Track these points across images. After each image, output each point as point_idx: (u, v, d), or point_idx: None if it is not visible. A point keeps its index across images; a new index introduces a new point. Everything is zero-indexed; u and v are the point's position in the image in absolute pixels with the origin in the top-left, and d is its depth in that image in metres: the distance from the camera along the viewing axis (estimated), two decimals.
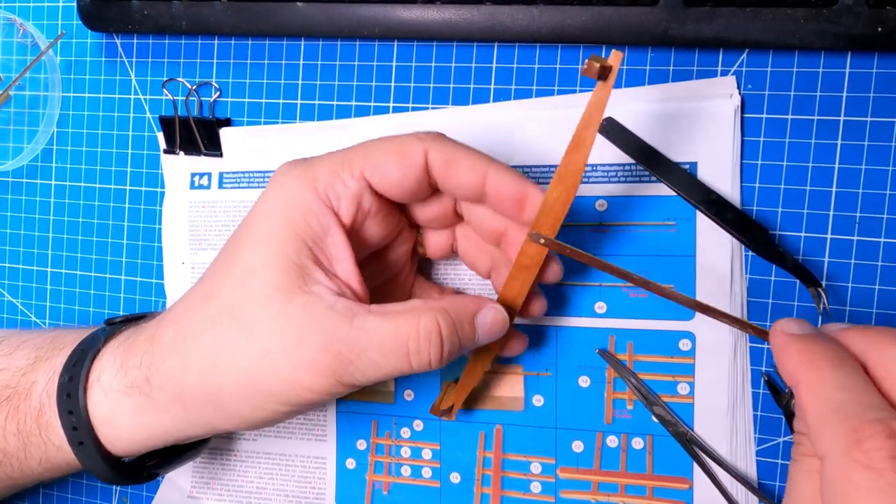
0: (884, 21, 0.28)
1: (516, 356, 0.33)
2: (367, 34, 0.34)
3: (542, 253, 0.27)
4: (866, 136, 0.30)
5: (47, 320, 0.41)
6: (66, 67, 0.40)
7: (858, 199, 0.30)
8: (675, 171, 0.31)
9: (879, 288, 0.30)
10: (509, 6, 0.32)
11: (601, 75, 0.25)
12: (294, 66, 0.36)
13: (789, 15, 0.29)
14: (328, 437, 0.37)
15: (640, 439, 0.33)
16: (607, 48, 0.32)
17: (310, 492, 0.37)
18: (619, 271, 0.27)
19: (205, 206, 0.38)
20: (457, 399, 0.33)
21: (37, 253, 0.41)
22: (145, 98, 0.39)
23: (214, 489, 0.39)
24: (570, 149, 0.26)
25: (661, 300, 0.32)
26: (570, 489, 0.34)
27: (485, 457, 0.35)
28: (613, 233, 0.33)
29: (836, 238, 0.31)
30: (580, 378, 0.33)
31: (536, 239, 0.27)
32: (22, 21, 0.40)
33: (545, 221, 0.27)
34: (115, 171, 0.39)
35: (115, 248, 0.40)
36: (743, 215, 0.31)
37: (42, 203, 0.41)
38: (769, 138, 0.31)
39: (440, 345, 0.26)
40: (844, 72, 0.30)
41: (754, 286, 0.32)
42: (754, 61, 0.31)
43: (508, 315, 0.29)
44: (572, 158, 0.26)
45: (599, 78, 0.25)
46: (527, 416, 0.34)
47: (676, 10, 0.30)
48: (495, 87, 0.34)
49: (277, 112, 0.37)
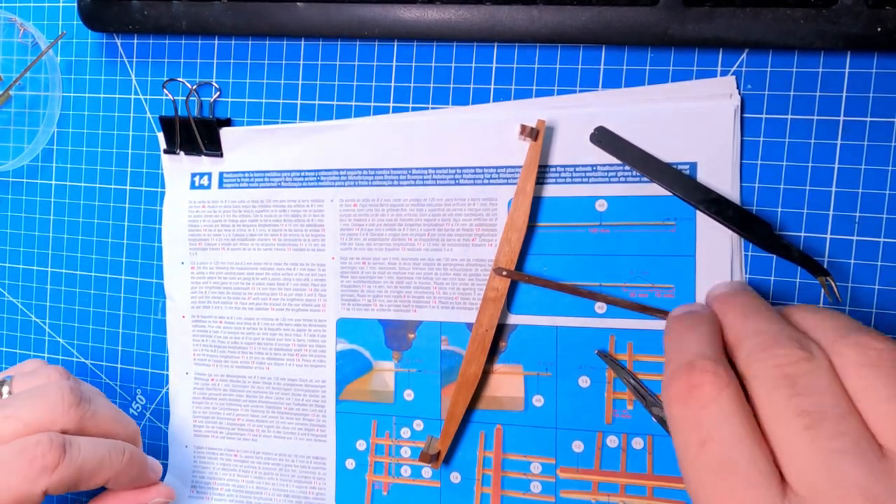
0: (883, 21, 0.28)
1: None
2: (367, 34, 0.34)
3: (506, 284, 0.33)
4: (866, 136, 0.30)
5: (47, 320, 0.41)
6: (67, 67, 0.40)
7: (858, 199, 0.30)
8: (672, 174, 0.31)
9: (879, 288, 0.30)
10: (509, 6, 0.32)
11: (532, 136, 0.32)
12: (294, 66, 0.36)
13: (789, 15, 0.29)
14: (328, 437, 0.37)
15: (641, 439, 0.33)
16: (607, 48, 0.32)
17: (310, 492, 0.37)
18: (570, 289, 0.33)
19: (205, 206, 0.38)
20: (442, 446, 0.34)
21: (37, 253, 0.41)
22: (145, 98, 0.39)
23: (214, 489, 0.39)
24: (516, 196, 0.32)
25: (661, 300, 0.32)
26: (570, 489, 0.34)
27: (485, 457, 0.35)
28: (613, 233, 0.33)
29: (836, 238, 0.31)
30: (580, 378, 0.33)
31: (500, 272, 0.33)
32: (22, 21, 0.40)
33: (504, 259, 0.33)
34: (115, 171, 0.39)
35: (115, 248, 0.40)
36: (743, 211, 0.31)
37: (42, 203, 0.41)
38: (769, 138, 0.31)
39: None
40: (844, 72, 0.30)
41: (754, 286, 0.32)
42: (754, 61, 0.31)
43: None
44: (518, 204, 0.32)
45: (531, 138, 0.32)
46: (527, 416, 0.34)
47: (676, 10, 0.30)
48: (495, 87, 0.34)
49: (277, 112, 0.37)
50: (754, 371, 0.23)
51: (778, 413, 0.22)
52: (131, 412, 0.40)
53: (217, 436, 0.39)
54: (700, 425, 0.23)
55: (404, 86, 0.35)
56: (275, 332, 0.37)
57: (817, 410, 0.21)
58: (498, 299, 0.33)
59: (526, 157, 0.32)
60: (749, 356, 0.24)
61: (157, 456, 0.40)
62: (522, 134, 0.32)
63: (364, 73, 0.35)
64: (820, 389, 0.21)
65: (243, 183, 0.37)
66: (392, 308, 0.35)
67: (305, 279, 0.37)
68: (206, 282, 0.38)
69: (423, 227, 0.35)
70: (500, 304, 0.33)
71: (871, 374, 0.21)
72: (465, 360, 0.34)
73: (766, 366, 0.23)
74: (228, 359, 0.38)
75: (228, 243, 0.38)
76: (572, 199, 0.33)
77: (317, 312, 0.37)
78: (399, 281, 0.35)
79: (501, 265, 0.33)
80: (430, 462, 0.34)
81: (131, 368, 0.40)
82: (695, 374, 0.23)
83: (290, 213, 0.37)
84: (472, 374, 0.34)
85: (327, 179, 0.36)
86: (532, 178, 0.32)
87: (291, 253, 0.37)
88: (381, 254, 0.35)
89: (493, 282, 0.33)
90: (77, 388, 0.31)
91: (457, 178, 0.34)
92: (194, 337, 0.38)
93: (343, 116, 0.36)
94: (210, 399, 0.38)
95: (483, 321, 0.33)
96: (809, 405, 0.21)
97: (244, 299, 0.38)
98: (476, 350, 0.33)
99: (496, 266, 0.33)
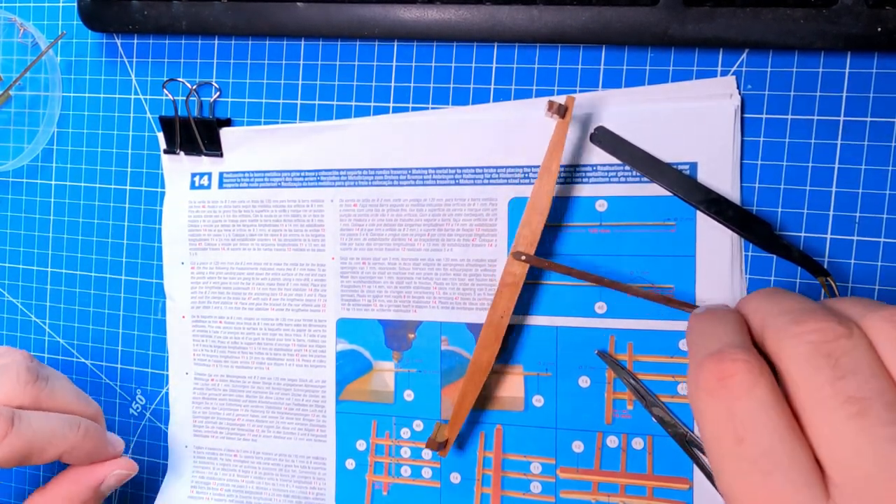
0: (884, 21, 0.28)
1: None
2: (367, 34, 0.34)
3: (525, 269, 0.32)
4: (866, 136, 0.30)
5: (47, 320, 0.41)
6: (67, 67, 0.40)
7: (858, 199, 0.30)
8: (672, 174, 0.31)
9: (879, 288, 0.30)
10: (509, 6, 0.32)
11: (560, 113, 0.30)
12: (294, 66, 0.36)
13: (789, 15, 0.29)
14: (328, 437, 0.37)
15: (641, 439, 0.33)
16: (607, 48, 0.32)
17: (310, 492, 0.37)
18: (594, 279, 0.31)
19: (205, 206, 0.38)
20: (450, 434, 0.34)
21: (37, 253, 0.41)
22: (145, 98, 0.39)
23: (214, 489, 0.39)
24: (539, 178, 0.31)
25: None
26: (570, 489, 0.34)
27: (485, 457, 0.35)
28: (613, 233, 0.33)
29: (836, 238, 0.31)
30: (580, 378, 0.33)
31: (518, 257, 0.31)
32: (22, 21, 0.40)
33: (524, 242, 0.31)
34: (115, 171, 0.39)
35: (115, 248, 0.40)
36: (744, 212, 0.31)
37: (42, 203, 0.41)
38: (769, 138, 0.31)
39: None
40: (844, 72, 0.30)
41: (754, 286, 0.32)
42: (754, 61, 0.31)
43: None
44: (541, 186, 0.31)
45: (558, 115, 0.30)
46: (527, 416, 0.34)
47: (676, 10, 0.30)
48: (495, 87, 0.34)
49: (277, 112, 0.37)
50: (789, 351, 0.21)
51: (821, 400, 0.20)
52: (131, 412, 0.40)
53: (217, 436, 0.39)
54: (734, 419, 0.21)
55: (404, 86, 0.35)
56: (275, 333, 0.37)
57: (864, 396, 0.19)
58: (516, 284, 0.32)
59: (553, 134, 0.31)
60: (780, 333, 0.22)
61: (157, 456, 0.40)
62: (550, 110, 0.30)
63: (364, 73, 0.35)
64: (864, 371, 0.20)
65: (243, 183, 0.37)
66: (392, 308, 0.35)
67: (305, 279, 0.37)
68: (206, 282, 0.38)
69: (423, 227, 0.35)
70: (518, 290, 0.32)
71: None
72: (478, 345, 0.33)
73: (801, 342, 0.21)
74: (228, 359, 0.38)
75: (228, 243, 0.38)
76: (572, 199, 0.33)
77: (317, 312, 0.37)
78: (399, 281, 0.35)
79: (521, 249, 0.31)
80: (437, 449, 0.33)
81: (131, 368, 0.40)
82: (725, 363, 0.21)
83: (290, 213, 0.37)
84: (485, 361, 0.32)
85: (327, 179, 0.36)
86: (558, 156, 0.31)
87: (291, 253, 0.37)
88: (381, 254, 0.35)
89: (510, 266, 0.32)
90: (34, 368, 0.32)
91: (457, 178, 0.34)
92: (194, 337, 0.38)
93: (343, 116, 0.36)
94: (210, 399, 0.38)
95: (499, 307, 0.32)
96: (856, 390, 0.19)
97: (244, 299, 0.38)
98: (490, 336, 0.32)
99: (515, 250, 0.31)
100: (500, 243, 0.34)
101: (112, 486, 0.34)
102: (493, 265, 0.34)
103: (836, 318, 0.21)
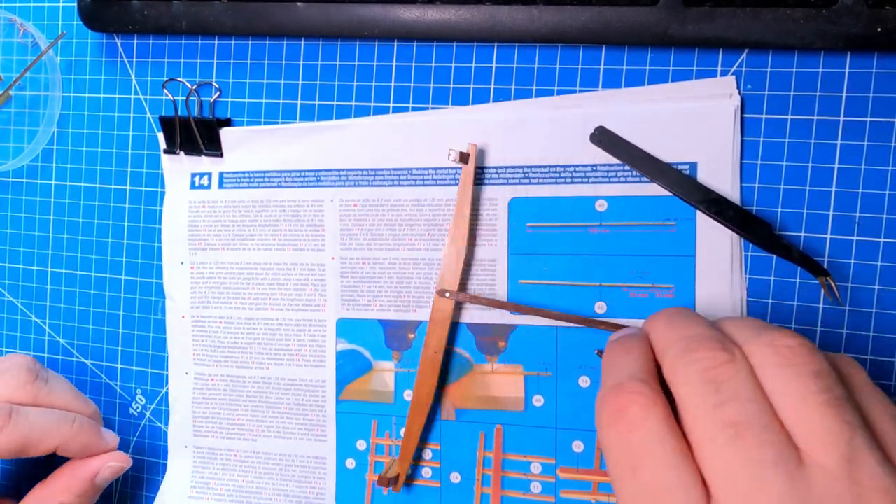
0: (884, 21, 0.28)
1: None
2: (367, 34, 0.34)
3: (451, 305, 0.33)
4: (866, 136, 0.30)
5: (47, 320, 0.41)
6: (67, 67, 0.40)
7: (858, 199, 0.30)
8: (672, 174, 0.31)
9: (879, 288, 0.30)
10: (509, 6, 0.32)
11: (464, 160, 0.32)
12: (294, 66, 0.36)
13: (789, 15, 0.29)
14: (328, 437, 0.37)
15: None
16: (607, 48, 0.32)
17: (310, 492, 0.37)
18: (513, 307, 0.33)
19: (205, 206, 0.38)
20: (401, 469, 0.34)
21: (37, 253, 0.41)
22: (145, 98, 0.39)
23: (214, 489, 0.39)
24: (454, 221, 0.33)
25: (661, 300, 0.32)
26: (570, 489, 0.34)
27: (485, 457, 0.35)
28: (613, 233, 0.33)
29: (836, 238, 0.31)
30: (580, 378, 0.33)
31: (443, 294, 0.33)
32: (22, 21, 0.40)
33: (447, 279, 0.33)
34: (115, 171, 0.39)
35: (115, 248, 0.40)
36: (744, 211, 0.31)
37: (42, 203, 0.41)
38: (769, 138, 0.31)
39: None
40: (844, 72, 0.30)
41: (754, 286, 0.32)
42: (754, 61, 0.31)
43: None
44: (457, 223, 0.33)
45: (462, 162, 0.32)
46: (527, 416, 0.34)
47: (676, 10, 0.30)
48: (495, 87, 0.34)
49: (277, 112, 0.37)
50: (681, 378, 0.22)
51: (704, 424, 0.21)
52: (131, 412, 0.40)
53: (217, 436, 0.39)
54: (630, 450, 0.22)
55: (404, 86, 0.35)
56: (275, 332, 0.37)
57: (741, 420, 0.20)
58: (444, 320, 0.33)
59: (460, 181, 0.33)
60: (674, 361, 0.23)
61: (157, 456, 0.40)
62: (451, 158, 0.32)
63: (364, 73, 0.35)
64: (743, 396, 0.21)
65: (243, 183, 0.37)
66: (392, 308, 0.36)
67: (305, 279, 0.37)
68: (205, 282, 0.38)
69: (423, 227, 0.35)
70: (447, 326, 0.33)
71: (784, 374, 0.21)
72: (416, 382, 0.34)
73: (690, 370, 0.22)
74: (228, 359, 0.38)
75: (228, 243, 0.38)
76: (572, 199, 0.33)
77: (317, 312, 0.37)
78: (399, 281, 0.35)
79: (445, 287, 0.33)
80: (388, 486, 0.34)
81: (131, 368, 0.40)
82: (622, 395, 0.23)
83: (290, 213, 0.37)
84: (424, 396, 0.34)
85: (327, 179, 0.36)
86: (468, 201, 0.33)
87: (291, 253, 0.37)
88: (381, 254, 0.35)
89: (437, 304, 0.33)
90: (35, 370, 0.35)
91: (457, 179, 0.34)
92: (194, 337, 0.38)
93: (343, 116, 0.36)
94: (210, 399, 0.38)
95: (431, 343, 0.34)
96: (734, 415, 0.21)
97: (244, 299, 0.38)
98: (426, 372, 0.34)
99: (440, 288, 0.33)
100: (500, 243, 0.34)
101: (107, 478, 0.35)
102: (493, 265, 0.34)
103: (723, 345, 0.22)
